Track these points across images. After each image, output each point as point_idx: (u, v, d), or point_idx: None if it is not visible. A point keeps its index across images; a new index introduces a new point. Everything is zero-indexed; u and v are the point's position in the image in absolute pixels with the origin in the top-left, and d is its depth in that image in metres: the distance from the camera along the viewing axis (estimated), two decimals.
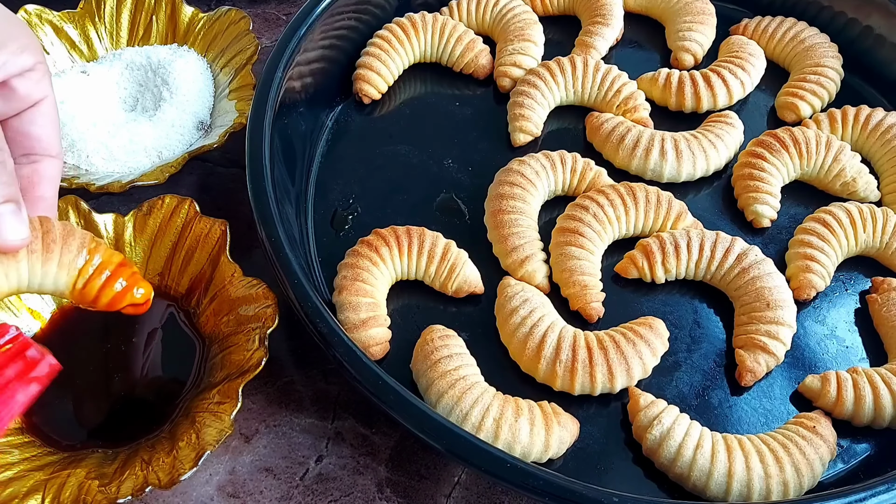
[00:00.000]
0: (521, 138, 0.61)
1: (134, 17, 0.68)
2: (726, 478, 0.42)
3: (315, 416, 0.49)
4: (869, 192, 0.57)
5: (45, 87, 0.38)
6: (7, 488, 0.41)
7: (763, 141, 0.58)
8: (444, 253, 0.51)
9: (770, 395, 0.49)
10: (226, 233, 0.51)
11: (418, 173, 0.60)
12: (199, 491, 0.46)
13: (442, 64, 0.67)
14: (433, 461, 0.47)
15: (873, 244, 0.54)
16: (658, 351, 0.48)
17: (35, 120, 0.38)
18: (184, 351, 0.49)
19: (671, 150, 0.57)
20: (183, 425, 0.44)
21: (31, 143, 0.38)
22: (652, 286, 0.53)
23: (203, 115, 0.63)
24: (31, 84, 0.37)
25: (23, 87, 0.37)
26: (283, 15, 0.75)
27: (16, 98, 0.37)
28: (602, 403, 0.48)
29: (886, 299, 0.51)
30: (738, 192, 0.57)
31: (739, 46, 0.65)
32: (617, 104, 0.61)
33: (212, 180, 0.62)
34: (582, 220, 0.52)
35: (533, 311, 0.48)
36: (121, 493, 0.40)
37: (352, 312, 0.48)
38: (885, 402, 0.45)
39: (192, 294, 0.51)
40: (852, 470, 0.46)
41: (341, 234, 0.56)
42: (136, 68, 0.64)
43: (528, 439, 0.43)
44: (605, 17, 0.66)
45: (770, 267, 0.50)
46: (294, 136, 0.58)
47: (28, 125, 0.38)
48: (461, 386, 0.44)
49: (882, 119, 0.59)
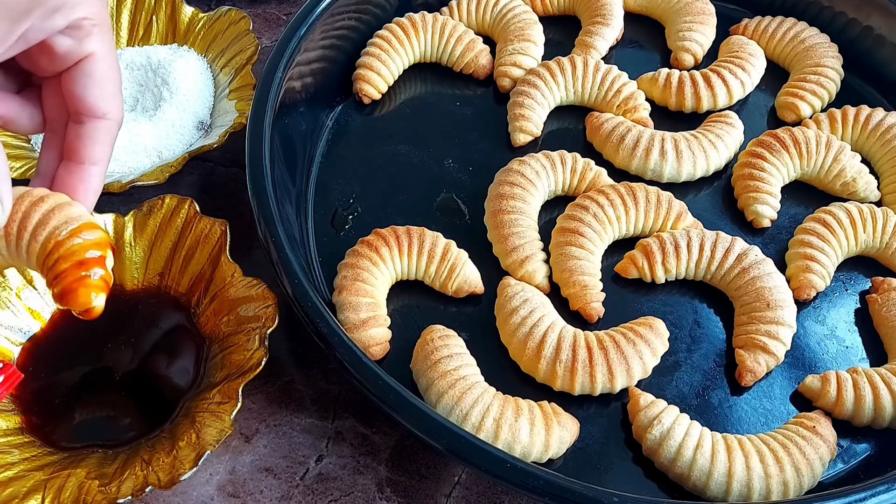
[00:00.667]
0: (521, 138, 0.61)
1: (134, 17, 0.68)
2: (726, 478, 0.42)
3: (315, 415, 0.49)
4: (869, 192, 0.57)
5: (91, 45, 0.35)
6: (7, 488, 0.41)
7: (763, 141, 0.58)
8: (444, 253, 0.51)
9: (770, 395, 0.49)
10: (226, 233, 0.51)
11: (418, 173, 0.60)
12: (199, 491, 0.46)
13: (442, 64, 0.67)
14: (433, 461, 0.47)
15: (873, 244, 0.54)
16: (658, 351, 0.48)
17: (77, 79, 0.36)
18: (184, 351, 0.49)
19: (671, 150, 0.57)
20: (183, 425, 0.44)
21: (76, 102, 0.37)
22: (652, 286, 0.53)
23: (203, 115, 0.63)
24: (70, 42, 0.35)
25: (60, 46, 0.35)
26: (283, 15, 0.75)
27: (57, 57, 0.35)
28: (602, 403, 0.48)
29: (886, 299, 0.51)
30: (738, 192, 0.57)
31: (739, 46, 0.65)
32: (617, 104, 0.61)
33: (212, 180, 0.62)
34: (582, 220, 0.52)
35: (533, 311, 0.48)
36: (121, 493, 0.40)
37: (352, 312, 0.48)
38: (885, 402, 0.45)
39: (192, 294, 0.51)
40: (852, 470, 0.46)
41: (341, 234, 0.56)
42: (136, 68, 0.64)
43: (528, 439, 0.43)
44: (605, 17, 0.66)
45: (770, 267, 0.50)
46: (294, 136, 0.58)
47: (71, 85, 0.36)
48: (461, 386, 0.44)
49: (882, 119, 0.59)
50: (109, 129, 0.37)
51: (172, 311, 0.51)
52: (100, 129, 0.37)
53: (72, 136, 0.37)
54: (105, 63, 0.36)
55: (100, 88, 0.37)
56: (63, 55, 0.35)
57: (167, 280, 0.52)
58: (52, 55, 0.35)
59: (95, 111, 0.37)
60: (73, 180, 0.37)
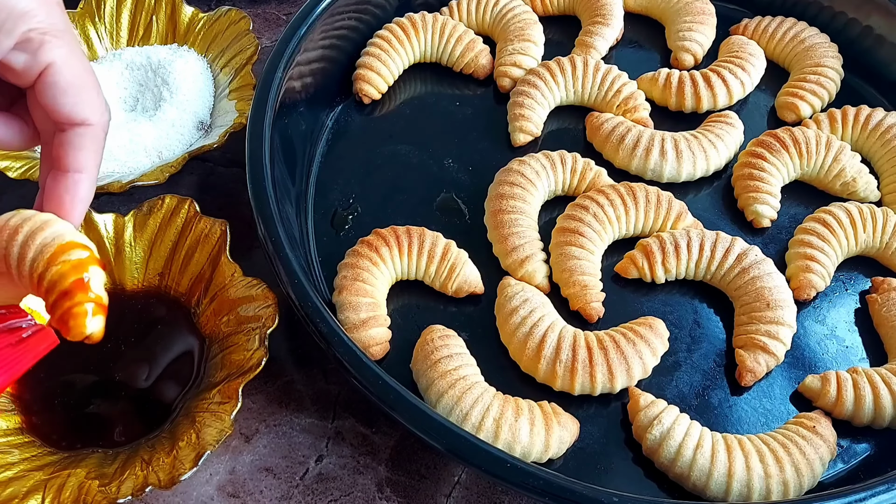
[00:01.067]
0: (521, 138, 0.61)
1: (134, 17, 0.68)
2: (726, 478, 0.42)
3: (315, 415, 0.49)
4: (869, 192, 0.57)
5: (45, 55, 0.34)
6: (7, 488, 0.41)
7: (763, 141, 0.58)
8: (444, 253, 0.51)
9: (770, 395, 0.49)
10: (226, 233, 0.51)
11: (418, 173, 0.60)
12: (199, 491, 0.46)
13: (442, 64, 0.67)
14: (433, 461, 0.47)
15: (873, 244, 0.54)
16: (658, 351, 0.48)
17: (44, 91, 0.35)
18: (184, 351, 0.49)
19: (671, 150, 0.57)
20: (183, 425, 0.44)
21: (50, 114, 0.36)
22: (652, 286, 0.53)
23: (203, 115, 0.63)
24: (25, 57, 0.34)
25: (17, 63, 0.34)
26: (283, 15, 0.75)
27: (18, 74, 0.34)
28: (602, 403, 0.48)
29: (886, 299, 0.51)
30: (738, 192, 0.57)
31: (739, 46, 0.65)
32: (617, 104, 0.61)
33: (212, 180, 0.62)
34: (582, 220, 0.52)
35: (533, 311, 0.48)
36: (121, 493, 0.40)
37: (352, 312, 0.48)
38: (885, 402, 0.45)
39: (192, 294, 0.51)
40: (852, 470, 0.46)
41: (341, 234, 0.56)
42: (136, 68, 0.64)
43: (528, 439, 0.43)
44: (605, 17, 0.66)
45: (770, 267, 0.50)
46: (294, 135, 0.58)
47: (41, 97, 0.35)
48: (461, 386, 0.44)
49: (882, 119, 0.59)
50: (93, 135, 0.36)
51: (172, 311, 0.51)
52: (82, 136, 0.36)
53: (56, 145, 0.36)
54: (68, 70, 0.35)
55: (70, 96, 0.35)
56: (23, 71, 0.34)
57: (167, 280, 0.52)
58: (13, 73, 0.34)
59: (72, 119, 0.36)
60: (59, 190, 0.36)
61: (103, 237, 0.52)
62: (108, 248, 0.52)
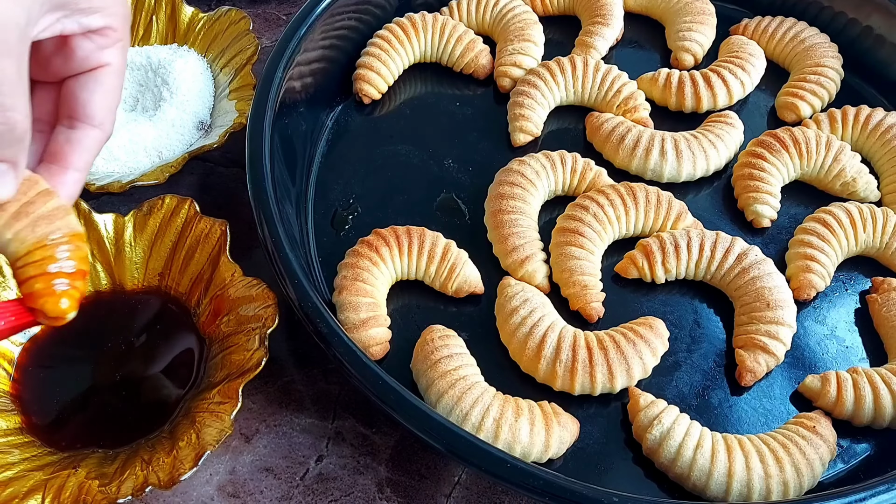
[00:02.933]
0: (521, 138, 0.61)
1: (134, 17, 0.68)
2: (726, 478, 0.42)
3: (315, 416, 0.49)
4: (869, 192, 0.57)
5: (110, 56, 0.36)
6: (7, 488, 0.41)
7: (763, 141, 0.58)
8: (444, 253, 0.51)
9: (770, 395, 0.49)
10: (226, 233, 0.51)
11: (418, 173, 0.60)
12: (199, 491, 0.46)
13: (442, 64, 0.67)
14: (433, 461, 0.47)
15: (873, 244, 0.54)
16: (658, 351, 0.48)
17: (86, 85, 0.36)
18: (184, 351, 0.49)
19: (671, 150, 0.57)
20: (183, 425, 0.44)
21: (76, 107, 0.37)
22: (652, 286, 0.53)
23: (203, 115, 0.63)
24: (92, 47, 0.35)
25: (82, 49, 0.35)
26: (283, 15, 0.75)
27: (74, 59, 0.35)
28: (602, 403, 0.48)
29: (886, 299, 0.51)
30: (738, 192, 0.57)
31: (739, 46, 0.65)
32: (617, 104, 0.61)
33: (212, 180, 0.62)
34: (582, 220, 0.52)
35: (533, 311, 0.48)
36: (121, 493, 0.40)
37: (352, 312, 0.48)
38: (885, 402, 0.45)
39: (192, 294, 0.51)
40: (852, 470, 0.46)
41: (341, 234, 0.56)
42: (136, 68, 0.64)
43: (528, 439, 0.43)
44: (605, 17, 0.66)
45: (770, 267, 0.50)
46: (294, 136, 0.58)
47: (78, 88, 0.36)
48: (461, 386, 0.44)
49: (882, 119, 0.59)
50: (99, 140, 0.38)
51: (172, 311, 0.51)
52: (90, 138, 0.37)
53: (61, 140, 0.37)
54: (117, 78, 0.37)
55: (106, 100, 0.37)
56: (80, 59, 0.35)
57: (167, 280, 0.52)
58: (68, 57, 0.35)
59: (93, 119, 0.37)
60: (52, 183, 0.36)
61: (103, 237, 0.52)
62: (108, 248, 0.52)
